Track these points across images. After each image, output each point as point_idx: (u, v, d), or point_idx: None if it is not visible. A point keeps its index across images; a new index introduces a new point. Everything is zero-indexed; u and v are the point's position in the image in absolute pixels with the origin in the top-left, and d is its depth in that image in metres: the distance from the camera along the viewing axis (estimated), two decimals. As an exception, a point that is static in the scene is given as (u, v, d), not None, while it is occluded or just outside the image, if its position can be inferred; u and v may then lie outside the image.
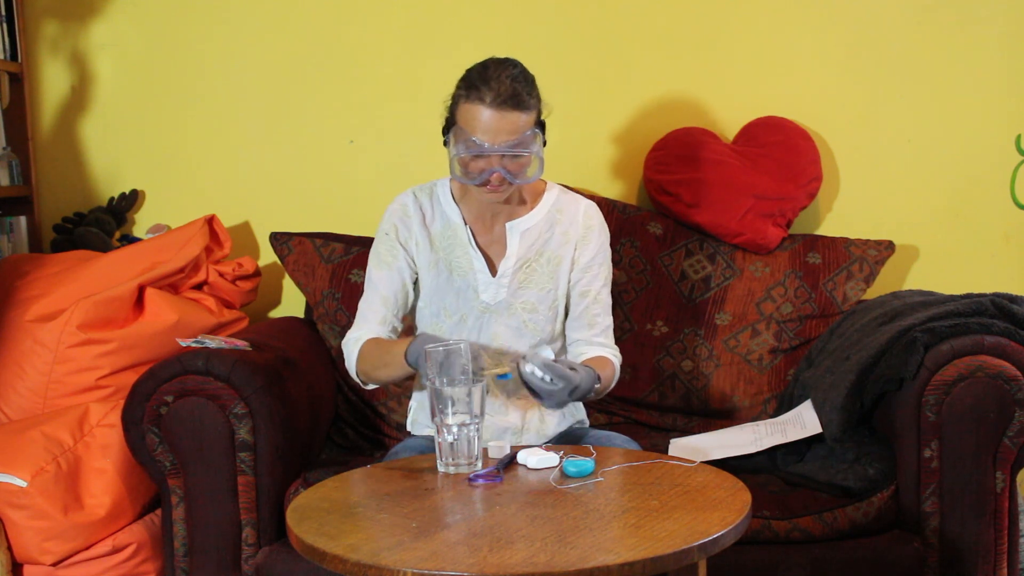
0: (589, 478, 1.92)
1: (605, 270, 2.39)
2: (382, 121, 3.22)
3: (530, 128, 2.18)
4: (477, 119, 2.15)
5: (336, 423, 2.87)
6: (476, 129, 2.15)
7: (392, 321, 2.34)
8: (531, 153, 2.18)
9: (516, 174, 2.18)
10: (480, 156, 2.17)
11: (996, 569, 2.37)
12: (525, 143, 2.16)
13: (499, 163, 2.17)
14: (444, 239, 2.34)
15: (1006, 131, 3.17)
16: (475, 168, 2.18)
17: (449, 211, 2.35)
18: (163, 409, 2.38)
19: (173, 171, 3.26)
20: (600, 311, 2.38)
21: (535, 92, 2.21)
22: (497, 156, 2.16)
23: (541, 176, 2.25)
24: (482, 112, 2.14)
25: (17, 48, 3.14)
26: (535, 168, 2.21)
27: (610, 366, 2.33)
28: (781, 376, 2.89)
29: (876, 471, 2.42)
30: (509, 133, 2.15)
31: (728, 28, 3.19)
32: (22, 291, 2.77)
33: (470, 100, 2.16)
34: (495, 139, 2.14)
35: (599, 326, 2.37)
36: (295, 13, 3.21)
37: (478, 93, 2.15)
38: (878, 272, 2.97)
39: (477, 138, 2.15)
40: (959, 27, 3.15)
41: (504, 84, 2.14)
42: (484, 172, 2.17)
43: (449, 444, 1.96)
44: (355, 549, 1.63)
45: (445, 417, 1.96)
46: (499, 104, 2.13)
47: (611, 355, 2.36)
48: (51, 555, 2.45)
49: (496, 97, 2.13)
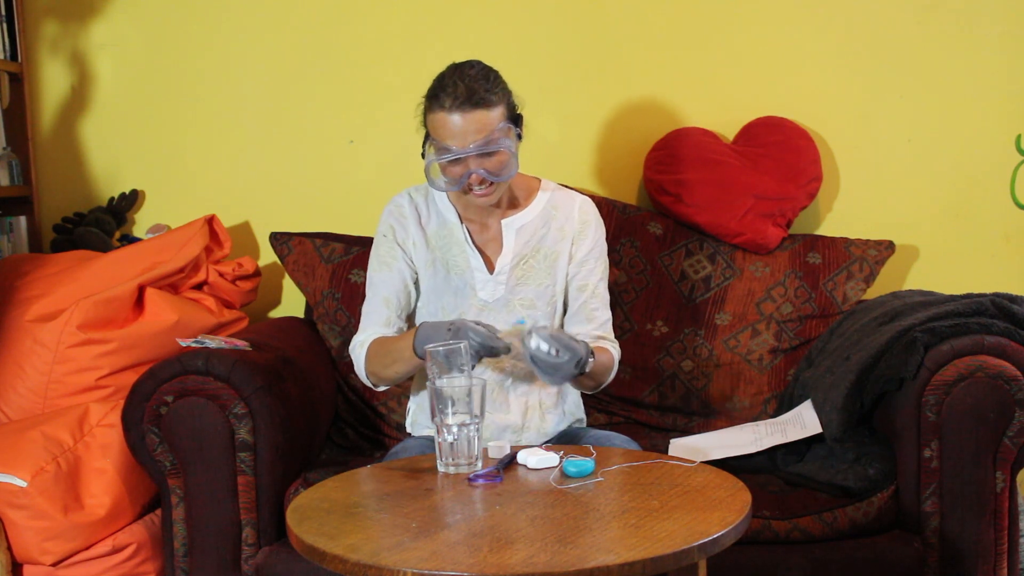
0: (589, 478, 1.92)
1: (602, 264, 2.39)
2: (382, 121, 3.22)
3: (500, 122, 2.19)
4: (443, 126, 2.17)
5: (336, 423, 2.87)
6: (444, 136, 2.17)
7: (396, 322, 2.34)
8: (502, 148, 2.18)
9: (496, 172, 2.19)
10: (456, 162, 2.19)
11: (996, 569, 2.37)
12: (494, 140, 2.17)
13: (476, 164, 2.18)
14: (440, 238, 2.35)
15: (1006, 131, 3.17)
16: (454, 174, 2.20)
17: (445, 210, 2.36)
18: (163, 409, 2.38)
19: (173, 171, 3.26)
20: (598, 305, 2.38)
21: (498, 87, 2.21)
22: (472, 158, 2.17)
23: (519, 170, 2.25)
24: (445, 118, 2.17)
25: (17, 48, 3.14)
26: (510, 160, 2.21)
27: (607, 354, 2.34)
28: (781, 376, 2.89)
29: (876, 471, 2.42)
30: (476, 132, 2.16)
31: (728, 28, 3.19)
32: (22, 291, 2.77)
33: (432, 110, 2.20)
34: (463, 142, 2.16)
35: (597, 320, 2.38)
36: (295, 13, 3.21)
37: (438, 101, 2.18)
38: (878, 272, 2.97)
39: (446, 143, 2.17)
40: (959, 27, 3.15)
41: (460, 87, 2.16)
42: (463, 176, 2.19)
43: (449, 444, 1.96)
44: (355, 549, 1.63)
45: (445, 417, 1.96)
46: (459, 106, 2.15)
47: (611, 347, 2.37)
48: (51, 555, 2.45)
49: (455, 100, 2.15)
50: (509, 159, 2.20)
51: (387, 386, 2.35)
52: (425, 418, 2.38)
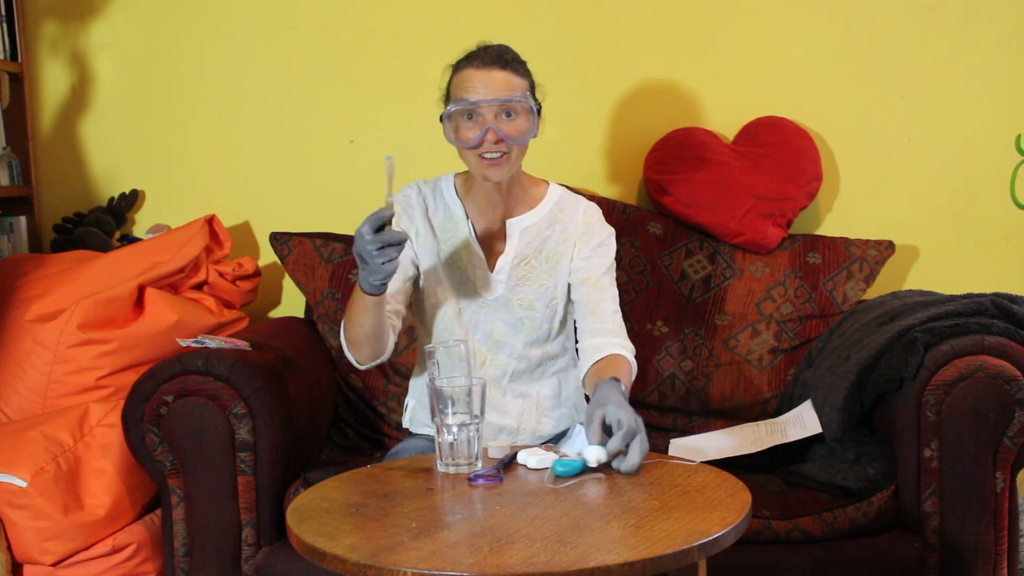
0: (582, 475, 1.91)
1: (607, 261, 2.35)
2: (382, 121, 3.22)
3: (522, 92, 2.21)
4: (468, 80, 2.19)
5: (336, 423, 2.87)
6: (467, 90, 2.19)
7: (394, 304, 2.27)
8: (522, 105, 2.19)
9: (511, 135, 2.19)
10: (473, 117, 2.18)
11: (996, 569, 2.37)
12: (516, 98, 2.19)
13: (492, 121, 2.18)
14: (445, 231, 2.34)
15: (1006, 131, 3.17)
16: (470, 133, 2.19)
17: (452, 205, 2.35)
18: (163, 409, 2.38)
19: (173, 171, 3.27)
20: (603, 298, 2.31)
21: (525, 67, 2.25)
22: (491, 115, 2.17)
23: (536, 134, 2.23)
24: (472, 73, 2.20)
25: (17, 48, 3.14)
26: (530, 126, 2.21)
27: (625, 364, 2.21)
28: (781, 376, 2.89)
29: (876, 471, 2.42)
30: (500, 89, 2.18)
31: (728, 28, 3.19)
32: (22, 291, 2.77)
33: (459, 70, 2.23)
34: (486, 94, 2.17)
35: (602, 312, 2.29)
36: (295, 13, 3.21)
37: (467, 61, 2.22)
38: (878, 272, 2.97)
39: (469, 96, 2.18)
40: (959, 27, 3.15)
41: (490, 50, 2.22)
42: (478, 135, 2.18)
43: (449, 444, 1.96)
44: (355, 549, 1.63)
45: (445, 417, 1.96)
46: (487, 64, 2.19)
47: (623, 350, 2.25)
48: (51, 555, 2.45)
49: (484, 59, 2.20)
50: (527, 124, 2.20)
51: (367, 359, 2.23)
52: (424, 415, 2.38)
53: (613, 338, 2.27)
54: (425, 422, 2.39)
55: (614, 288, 2.35)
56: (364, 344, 2.20)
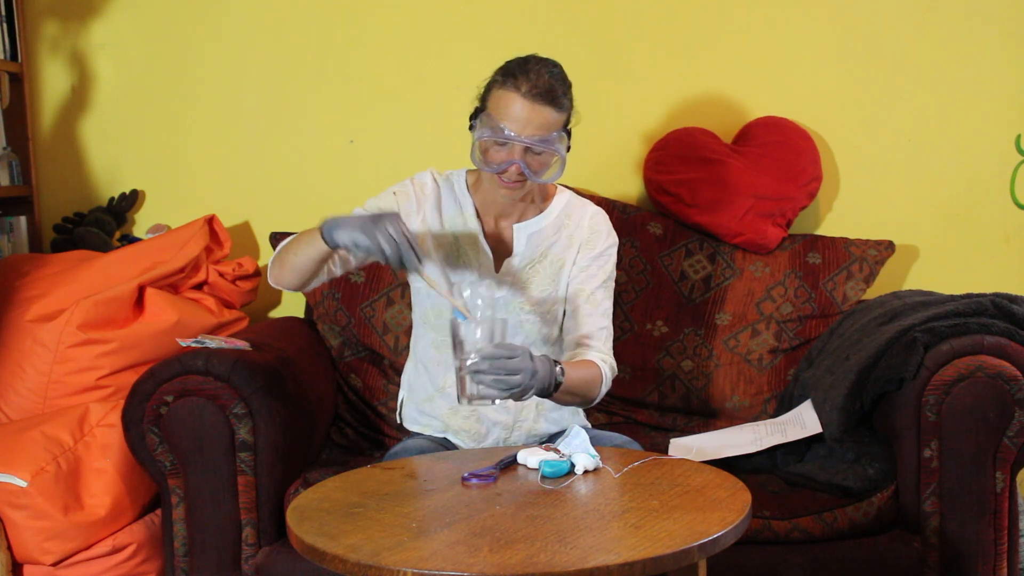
0: (568, 477, 1.91)
1: (604, 273, 2.33)
2: (382, 121, 3.22)
3: (558, 129, 2.16)
4: (509, 107, 2.12)
5: (336, 423, 2.87)
6: (506, 117, 2.12)
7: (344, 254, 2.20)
8: (554, 151, 2.15)
9: (536, 171, 2.16)
10: (503, 145, 2.14)
11: (996, 569, 2.37)
12: (551, 141, 2.14)
13: (520, 156, 2.14)
14: (454, 226, 2.32)
15: (1006, 131, 3.17)
16: (496, 157, 2.16)
17: (463, 201, 2.33)
18: (163, 409, 2.38)
19: (173, 171, 3.27)
20: (592, 312, 2.29)
21: (569, 96, 2.18)
22: (520, 149, 2.13)
23: (559, 179, 2.22)
24: (515, 101, 2.12)
25: (17, 48, 3.14)
26: (555, 170, 2.18)
27: (591, 365, 2.19)
28: (781, 376, 2.89)
29: (876, 471, 2.42)
30: (537, 127, 2.12)
31: (729, 28, 3.19)
32: (22, 291, 2.77)
33: (505, 87, 2.14)
34: (523, 130, 2.12)
35: (588, 327, 2.27)
36: (295, 13, 3.21)
37: (515, 82, 2.13)
38: (878, 272, 2.97)
39: (505, 125, 2.12)
40: (959, 27, 3.16)
41: (543, 78, 2.12)
42: (504, 163, 2.15)
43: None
44: (355, 549, 1.63)
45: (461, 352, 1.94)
46: (533, 96, 2.11)
47: (598, 359, 2.23)
48: (51, 555, 2.45)
49: (532, 89, 2.11)
50: (554, 164, 2.17)
51: (287, 283, 2.19)
52: (415, 410, 2.38)
53: (596, 353, 2.25)
54: (415, 419, 2.39)
55: (608, 301, 2.33)
56: (291, 271, 2.18)
